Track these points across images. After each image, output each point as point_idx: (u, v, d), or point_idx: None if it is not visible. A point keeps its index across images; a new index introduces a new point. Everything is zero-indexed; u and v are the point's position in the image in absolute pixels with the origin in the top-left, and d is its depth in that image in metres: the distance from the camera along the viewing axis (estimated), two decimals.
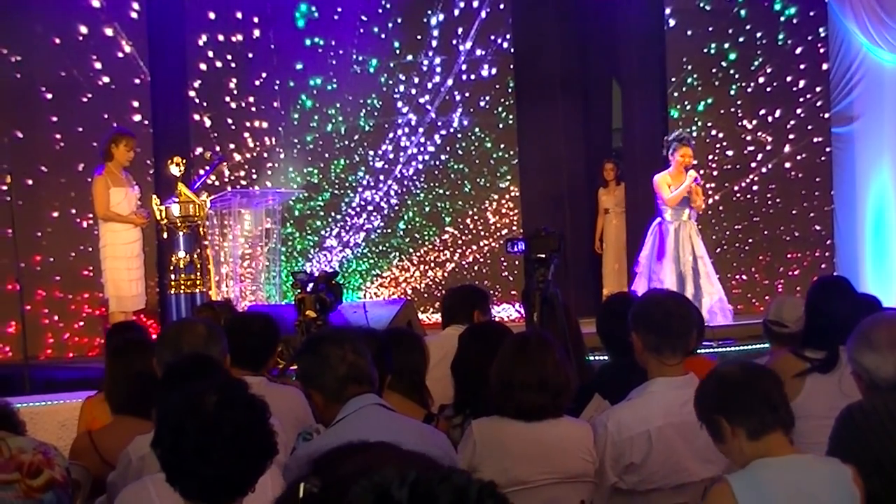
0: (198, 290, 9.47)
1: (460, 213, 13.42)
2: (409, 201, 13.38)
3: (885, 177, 11.79)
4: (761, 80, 12.32)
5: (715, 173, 12.32)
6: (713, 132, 12.42)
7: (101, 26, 11.36)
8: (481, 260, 13.39)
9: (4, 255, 10.29)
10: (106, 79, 11.40)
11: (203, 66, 12.40)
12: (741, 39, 12.31)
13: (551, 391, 3.92)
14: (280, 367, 7.28)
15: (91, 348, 11.07)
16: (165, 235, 9.54)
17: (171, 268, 9.58)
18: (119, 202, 9.49)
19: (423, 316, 11.57)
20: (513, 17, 13.04)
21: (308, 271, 9.55)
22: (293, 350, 7.42)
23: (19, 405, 4.74)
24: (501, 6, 13.11)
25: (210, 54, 12.43)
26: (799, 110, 12.36)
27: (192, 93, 12.28)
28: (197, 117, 12.30)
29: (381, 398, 3.82)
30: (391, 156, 13.24)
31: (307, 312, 7.77)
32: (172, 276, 9.56)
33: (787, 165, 12.45)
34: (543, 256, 5.95)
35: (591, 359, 6.48)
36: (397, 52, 13.26)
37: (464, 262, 13.37)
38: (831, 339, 4.50)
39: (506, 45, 13.17)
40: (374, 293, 13.20)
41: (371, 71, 13.21)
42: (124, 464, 3.77)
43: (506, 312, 12.74)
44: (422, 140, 13.24)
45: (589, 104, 13.13)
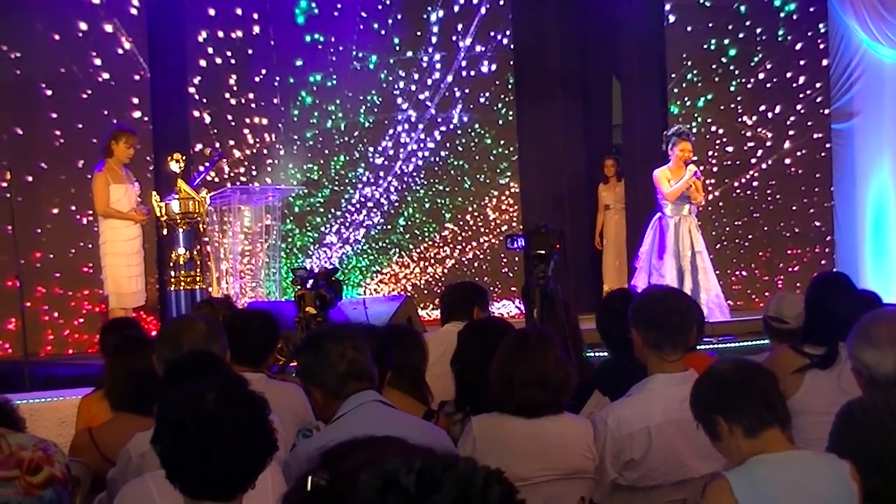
0: (197, 287, 9.47)
1: (460, 210, 13.41)
2: (408, 198, 13.37)
3: (884, 173, 11.79)
4: (761, 76, 12.31)
5: (715, 169, 12.31)
6: (713, 128, 12.41)
7: (101, 23, 11.35)
8: (481, 256, 13.38)
9: (4, 251, 10.29)
10: (106, 75, 11.40)
11: (203, 63, 12.39)
12: (741, 35, 12.30)
13: (551, 388, 3.92)
14: (280, 363, 7.28)
15: (91, 345, 11.05)
16: (165, 232, 9.54)
17: (171, 264, 9.58)
18: (119, 199, 9.49)
19: (422, 312, 11.57)
20: (512, 14, 13.03)
21: (308, 268, 9.56)
22: (293, 347, 7.42)
23: (19, 402, 4.74)
24: (501, 2, 13.09)
25: (210, 51, 12.41)
26: (799, 106, 12.35)
27: (191, 89, 12.27)
28: (197, 114, 12.29)
29: (380, 395, 3.82)
30: (391, 152, 13.23)
31: (307, 309, 7.77)
32: (172, 273, 9.55)
33: (787, 162, 12.44)
34: (543, 253, 5.94)
35: (591, 355, 6.48)
36: (397, 48, 13.25)
37: (464, 259, 13.36)
38: (831, 336, 4.51)
39: (505, 41, 13.16)
40: (374, 289, 13.20)
41: (371, 67, 13.20)
42: (124, 461, 3.77)
43: (506, 309, 12.74)
44: (422, 136, 13.23)
45: (589, 100, 13.13)
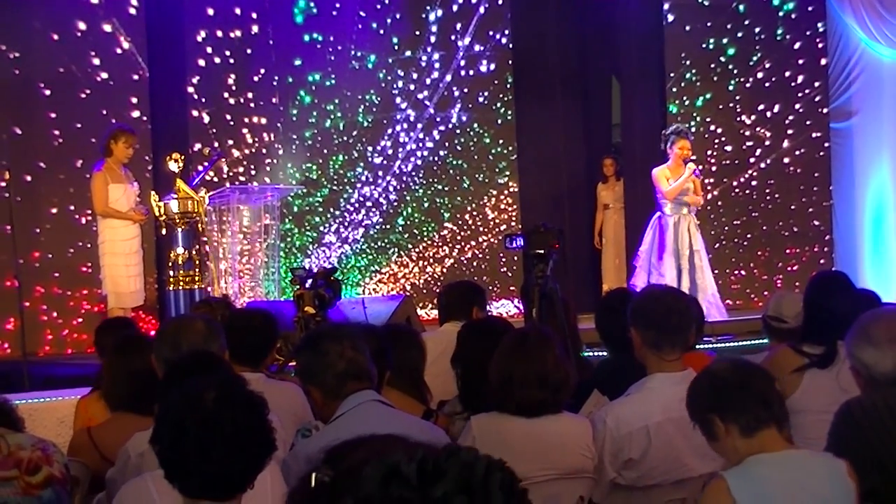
0: (196, 287, 9.47)
1: (459, 209, 13.41)
2: (407, 197, 13.37)
3: (883, 172, 11.79)
4: (760, 75, 12.31)
5: (713, 168, 12.31)
6: (712, 127, 12.41)
7: (100, 22, 11.35)
8: (480, 256, 13.38)
9: (3, 251, 10.29)
10: (104, 75, 11.39)
11: (202, 62, 12.39)
12: (740, 35, 12.30)
13: (551, 387, 3.92)
14: (278, 363, 7.28)
15: (90, 345, 10.96)
16: (164, 232, 9.53)
17: (170, 264, 9.57)
18: (118, 198, 9.49)
19: (422, 312, 11.57)
20: (511, 13, 13.02)
21: (307, 267, 9.56)
22: (292, 346, 7.42)
23: (18, 402, 4.73)
24: (500, 2, 13.09)
25: (209, 50, 12.41)
26: (797, 105, 12.36)
27: (190, 89, 12.27)
28: (195, 113, 12.29)
29: (379, 394, 3.82)
30: (390, 152, 13.22)
31: (306, 308, 7.77)
32: (171, 273, 9.55)
33: (786, 161, 12.44)
34: (542, 252, 5.94)
35: (590, 354, 6.49)
36: (396, 47, 13.25)
37: (462, 258, 13.36)
38: (830, 335, 4.51)
39: (504, 40, 13.16)
40: (373, 289, 13.19)
41: (369, 67, 13.20)
42: (123, 460, 3.77)
43: (505, 308, 12.74)
44: (420, 136, 13.22)
45: (588, 100, 13.13)
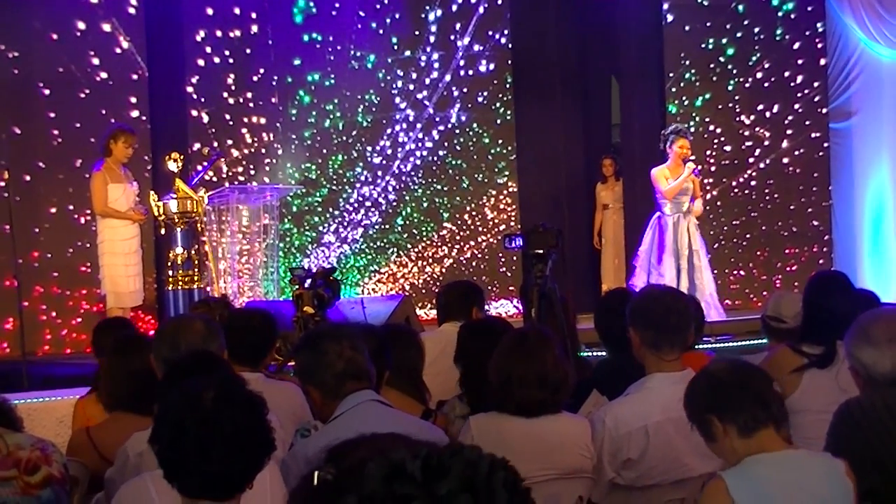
0: (195, 287, 9.47)
1: (458, 209, 13.40)
2: (406, 197, 13.36)
3: (882, 172, 11.80)
4: (759, 75, 12.32)
5: (713, 168, 12.31)
6: (711, 127, 12.41)
7: (99, 22, 11.34)
8: (479, 256, 13.38)
9: (2, 251, 10.28)
10: (104, 74, 11.38)
11: (201, 62, 12.39)
12: (739, 35, 12.30)
13: (550, 387, 3.92)
14: (277, 363, 7.28)
15: (89, 345, 10.98)
16: (163, 231, 9.53)
17: (169, 264, 9.57)
18: (117, 198, 9.49)
19: (421, 311, 11.57)
20: (511, 13, 13.02)
21: (306, 267, 9.56)
22: (291, 346, 7.42)
23: (17, 401, 4.74)
24: (499, 2, 13.08)
25: (208, 50, 12.40)
26: (797, 105, 12.36)
27: (189, 88, 12.26)
28: (195, 113, 12.28)
29: (378, 394, 3.82)
30: (389, 151, 13.22)
31: (305, 308, 7.76)
32: (170, 273, 9.55)
33: (785, 161, 12.45)
34: (541, 252, 5.94)
35: (589, 354, 6.49)
36: (395, 47, 13.24)
37: (462, 258, 13.36)
38: (829, 335, 4.51)
39: (504, 40, 13.15)
40: (372, 289, 13.19)
41: (369, 66, 13.19)
42: (122, 460, 3.76)
43: (504, 308, 12.74)
44: (420, 136, 13.22)
45: (587, 100, 13.12)
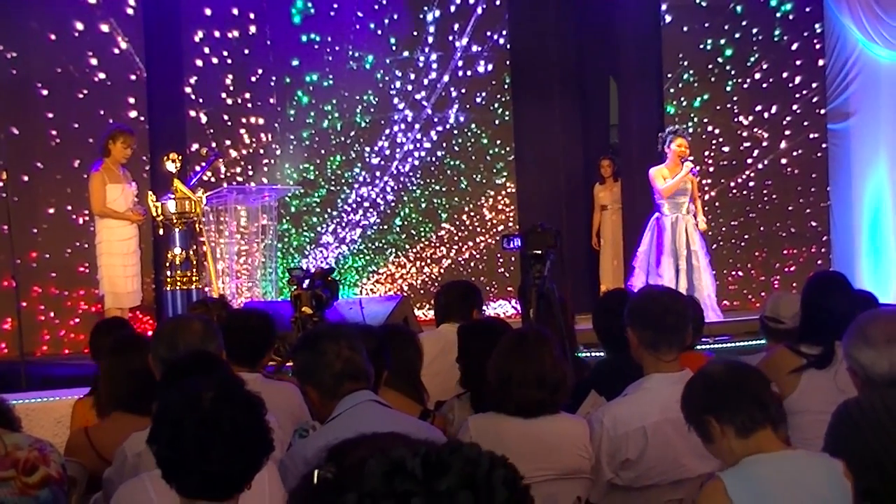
0: (193, 287, 9.46)
1: (456, 210, 13.39)
2: (405, 197, 13.36)
3: (881, 173, 11.81)
4: (757, 75, 12.33)
5: (711, 169, 12.32)
6: (709, 128, 12.42)
7: (97, 22, 11.33)
8: (477, 256, 13.37)
9: (0, 251, 10.28)
10: (102, 75, 11.38)
11: (199, 63, 12.37)
12: (737, 35, 12.31)
13: (549, 387, 3.92)
14: (275, 363, 7.27)
15: (87, 345, 11.02)
16: (161, 232, 9.52)
17: (167, 264, 9.57)
18: (116, 198, 9.48)
19: (419, 312, 11.57)
20: (509, 13, 13.02)
21: (304, 268, 9.54)
22: (289, 347, 7.41)
23: (15, 402, 4.74)
24: (498, 2, 13.08)
25: (206, 50, 12.39)
26: (795, 106, 12.37)
27: (188, 89, 12.25)
28: (193, 113, 12.27)
29: (376, 395, 3.82)
30: (387, 152, 13.21)
31: (303, 309, 7.76)
32: (168, 273, 9.55)
33: (784, 161, 12.46)
34: (540, 252, 5.94)
35: (587, 355, 6.49)
36: (393, 48, 13.23)
37: (460, 259, 13.35)
38: (827, 335, 4.51)
39: (502, 41, 13.15)
40: (371, 289, 13.18)
41: (367, 67, 13.18)
42: (120, 460, 3.76)
43: (502, 309, 12.74)
44: (418, 136, 13.21)
45: (585, 100, 13.13)
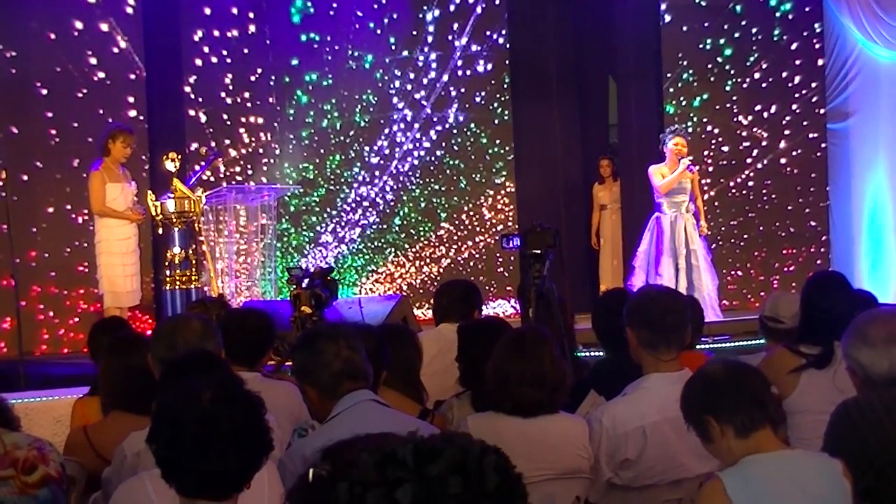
0: (193, 286, 9.46)
1: (456, 209, 13.39)
2: (404, 197, 13.35)
3: (880, 172, 11.81)
4: (757, 75, 12.33)
5: (710, 169, 12.32)
6: (709, 128, 12.42)
7: (97, 22, 11.33)
8: (477, 256, 13.37)
9: (0, 250, 10.28)
10: (101, 74, 11.37)
11: (198, 62, 12.37)
12: (737, 35, 12.31)
13: (548, 387, 3.92)
14: (274, 363, 7.27)
15: (86, 344, 11.03)
16: (160, 231, 9.52)
17: (166, 264, 9.57)
18: (115, 198, 9.48)
19: (418, 311, 11.58)
20: (508, 13, 13.02)
21: (303, 267, 9.53)
22: (288, 346, 7.41)
23: (14, 401, 4.74)
24: (497, 2, 13.09)
25: (205, 50, 12.39)
26: (794, 106, 12.37)
27: (187, 88, 12.24)
28: (192, 113, 12.26)
29: (375, 394, 3.82)
30: (387, 151, 13.21)
31: (303, 308, 7.75)
32: (167, 272, 9.55)
33: (783, 161, 12.47)
34: (539, 252, 5.94)
35: (586, 354, 6.49)
36: (393, 47, 13.23)
37: (459, 258, 13.35)
38: (826, 335, 4.51)
39: (501, 40, 13.16)
40: (370, 289, 13.18)
41: (366, 67, 13.18)
42: (119, 460, 3.76)
43: (501, 308, 12.74)
44: (417, 136, 13.21)
45: (585, 100, 13.13)
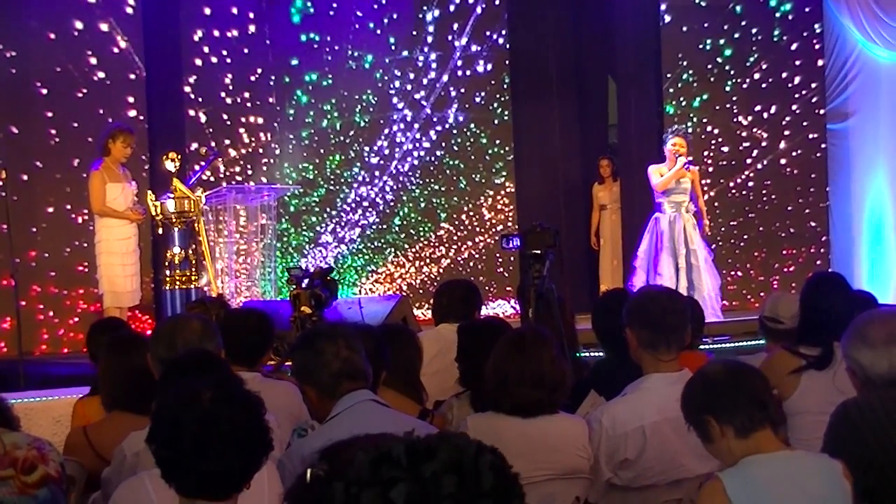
0: (192, 286, 9.46)
1: (455, 209, 13.39)
2: (404, 197, 13.35)
3: (880, 173, 11.81)
4: (757, 76, 12.33)
5: (710, 169, 12.32)
6: (708, 128, 12.42)
7: (97, 21, 11.33)
8: (476, 256, 13.37)
9: None
10: (101, 74, 11.37)
11: (198, 62, 12.36)
12: (736, 35, 12.32)
13: (547, 387, 3.92)
14: (274, 363, 7.27)
15: (85, 345, 11.03)
16: (160, 231, 9.52)
17: (166, 263, 9.57)
18: (115, 198, 9.48)
19: (418, 312, 11.57)
20: (508, 13, 13.03)
21: (303, 267, 9.54)
22: (288, 346, 7.41)
23: (14, 401, 4.74)
24: (497, 2, 13.09)
25: (205, 50, 12.38)
26: (794, 106, 12.38)
27: (187, 88, 12.24)
28: (192, 113, 12.26)
29: (375, 394, 3.82)
30: (386, 152, 13.21)
31: (302, 308, 7.75)
32: (167, 272, 9.55)
33: (783, 162, 12.47)
34: (539, 252, 5.94)
35: (586, 355, 6.49)
36: (393, 47, 13.23)
37: (459, 258, 13.35)
38: (826, 336, 4.51)
39: (501, 40, 13.16)
40: (370, 289, 13.18)
41: (366, 67, 13.18)
42: (119, 460, 3.76)
43: (501, 308, 12.74)
44: (417, 136, 13.21)
45: (584, 100, 13.14)
